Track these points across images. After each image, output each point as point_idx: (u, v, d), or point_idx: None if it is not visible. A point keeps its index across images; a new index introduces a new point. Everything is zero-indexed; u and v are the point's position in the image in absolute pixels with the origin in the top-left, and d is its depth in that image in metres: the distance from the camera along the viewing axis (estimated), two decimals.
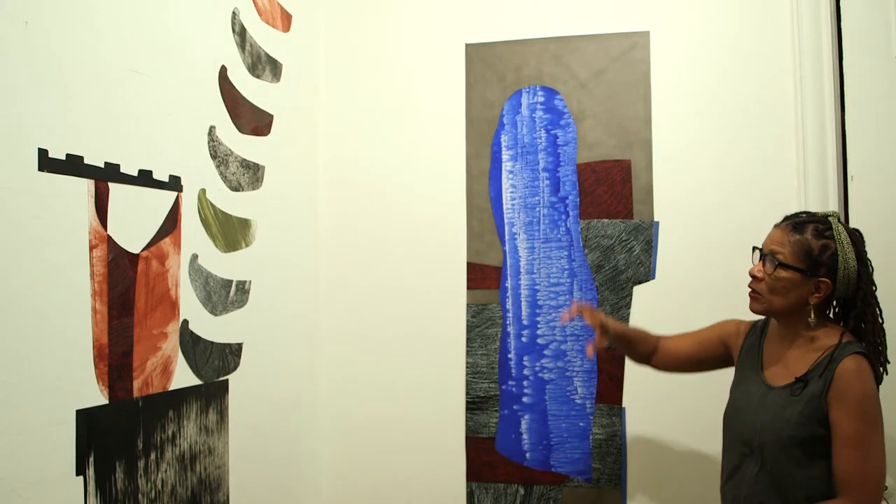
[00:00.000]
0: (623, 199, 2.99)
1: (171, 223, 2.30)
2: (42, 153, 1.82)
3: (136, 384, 2.15)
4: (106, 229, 2.02)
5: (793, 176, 2.87)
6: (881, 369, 2.06)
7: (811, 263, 2.02)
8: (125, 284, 2.10)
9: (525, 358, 3.05)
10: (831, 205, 2.78)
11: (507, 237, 3.09)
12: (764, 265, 2.08)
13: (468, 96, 3.15)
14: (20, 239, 1.77)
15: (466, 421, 3.10)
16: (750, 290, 2.14)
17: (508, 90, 3.11)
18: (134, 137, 2.14)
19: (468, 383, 3.11)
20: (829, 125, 2.81)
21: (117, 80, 2.08)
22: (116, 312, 2.07)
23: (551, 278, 3.03)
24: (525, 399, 3.04)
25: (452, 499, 3.12)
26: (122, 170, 2.09)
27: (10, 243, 1.75)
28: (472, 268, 3.13)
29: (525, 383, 3.05)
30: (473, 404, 3.09)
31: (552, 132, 3.06)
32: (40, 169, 1.82)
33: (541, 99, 3.08)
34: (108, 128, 2.04)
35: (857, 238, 2.08)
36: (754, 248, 2.16)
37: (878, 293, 2.09)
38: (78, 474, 1.93)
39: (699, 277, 2.92)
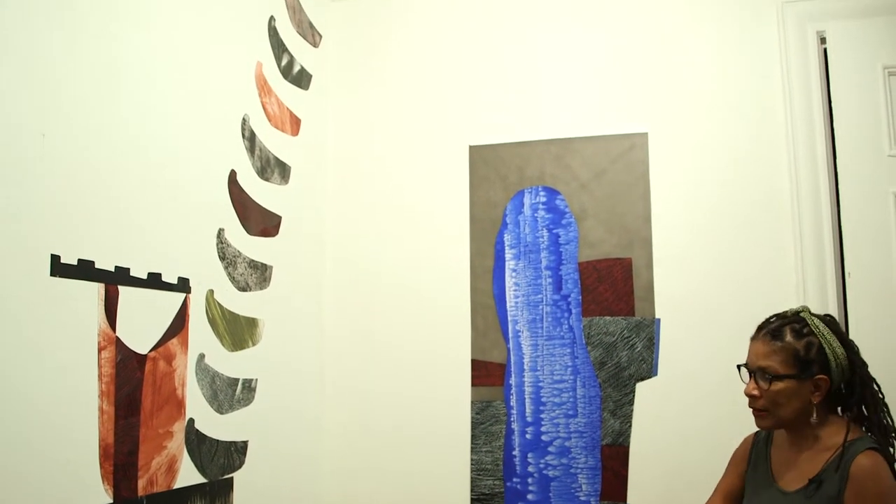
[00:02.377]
0: (624, 297, 3.04)
1: (179, 324, 2.36)
2: (54, 259, 1.90)
3: (141, 483, 2.19)
4: (115, 331, 2.09)
5: (791, 273, 2.90)
6: (893, 450, 1.99)
7: (802, 366, 1.97)
8: (132, 385, 2.15)
9: (529, 455, 3.06)
10: (830, 300, 2.82)
11: (510, 334, 3.14)
12: (757, 383, 2.02)
13: (472, 196, 3.24)
14: (31, 341, 1.84)
15: (470, 493, 3.10)
16: (752, 409, 2.06)
17: (511, 190, 3.20)
18: (144, 242, 2.22)
19: (473, 480, 3.11)
20: (826, 223, 2.87)
21: (129, 187, 2.17)
22: (123, 412, 2.11)
23: (555, 375, 3.07)
24: (530, 496, 3.04)
25: None
26: (132, 273, 2.16)
27: (22, 345, 1.81)
28: (476, 365, 3.16)
29: (529, 480, 3.06)
30: (478, 502, 3.09)
31: (554, 231, 3.13)
32: (52, 274, 1.89)
33: (543, 199, 3.16)
34: (119, 233, 2.12)
35: (834, 325, 2.04)
36: (739, 367, 2.11)
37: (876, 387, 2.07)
38: None
39: (701, 374, 2.94)
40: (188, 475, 2.40)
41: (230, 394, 2.62)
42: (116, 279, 2.10)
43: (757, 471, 2.15)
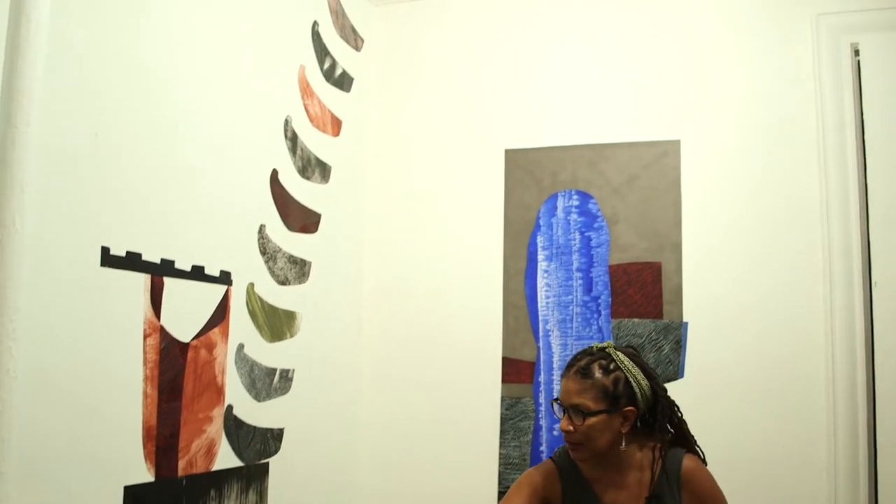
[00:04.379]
0: (653, 300, 3.11)
1: (221, 315, 2.48)
2: (104, 251, 2.02)
3: (181, 464, 2.31)
4: (159, 320, 2.21)
5: (819, 281, 2.94)
6: (701, 454, 2.24)
7: (611, 400, 2.11)
8: (175, 371, 2.28)
9: None
10: (856, 309, 2.86)
11: (541, 334, 3.22)
12: (571, 420, 2.13)
13: (506, 199, 3.32)
14: (81, 328, 1.96)
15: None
16: (568, 443, 2.18)
17: (545, 194, 3.28)
18: (189, 236, 2.35)
19: (500, 473, 3.20)
20: (854, 232, 2.89)
21: (176, 184, 2.30)
22: (166, 397, 2.24)
23: None
24: None
25: None
26: (177, 265, 2.28)
27: (72, 332, 1.94)
28: (507, 362, 3.25)
29: None
30: (505, 494, 3.16)
31: (586, 234, 3.21)
32: (102, 265, 2.02)
33: (576, 203, 3.24)
34: (166, 227, 2.25)
35: (636, 357, 2.23)
36: (553, 401, 2.22)
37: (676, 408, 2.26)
38: None
39: (726, 377, 3.00)
40: (226, 458, 2.52)
41: (268, 383, 2.73)
42: (162, 271, 2.22)
43: (579, 501, 2.24)
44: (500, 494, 3.18)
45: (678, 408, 2.26)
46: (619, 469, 2.18)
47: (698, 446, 2.26)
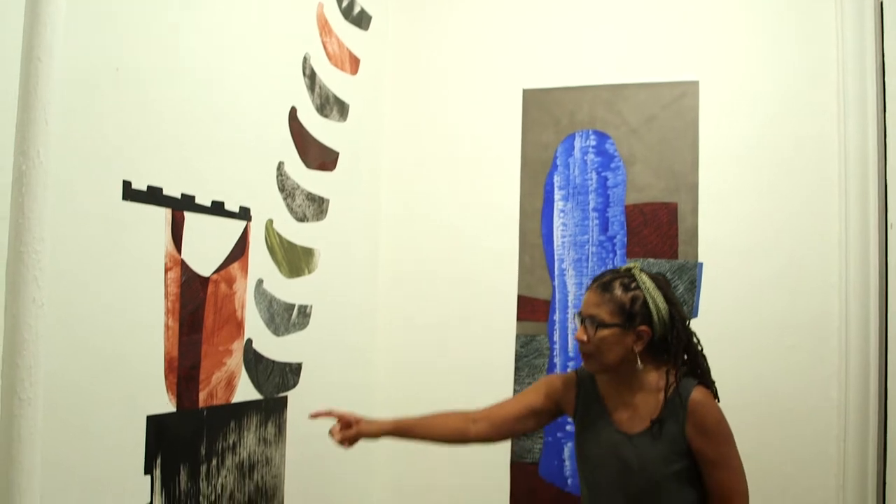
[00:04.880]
0: (669, 240, 3.13)
1: (240, 250, 2.52)
2: (126, 184, 2.05)
3: (202, 395, 2.36)
4: (180, 254, 2.25)
5: (834, 223, 2.95)
6: (714, 389, 2.27)
7: (626, 317, 2.17)
8: (195, 304, 2.32)
9: None
10: (871, 252, 2.87)
11: (556, 273, 3.25)
12: (586, 329, 2.20)
13: (524, 138, 3.33)
14: (104, 260, 2.00)
15: (512, 446, 3.25)
16: (581, 354, 2.26)
17: (562, 133, 3.28)
18: (209, 171, 2.37)
19: None
20: (871, 175, 2.89)
21: (196, 120, 2.31)
22: (187, 329, 2.28)
23: None
24: (568, 427, 3.16)
25: None
26: (197, 200, 2.31)
27: (95, 264, 1.97)
28: (522, 301, 3.29)
29: None
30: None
31: (603, 174, 3.21)
32: (124, 198, 2.04)
33: (593, 143, 3.24)
34: (186, 162, 2.27)
35: (661, 282, 2.25)
36: (576, 314, 2.28)
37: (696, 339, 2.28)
38: (146, 473, 2.14)
39: (740, 316, 3.03)
40: (245, 391, 2.57)
41: (286, 318, 2.78)
42: (182, 205, 2.25)
43: (590, 412, 2.33)
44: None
45: (698, 340, 2.29)
46: (630, 389, 2.24)
47: (713, 381, 2.29)
